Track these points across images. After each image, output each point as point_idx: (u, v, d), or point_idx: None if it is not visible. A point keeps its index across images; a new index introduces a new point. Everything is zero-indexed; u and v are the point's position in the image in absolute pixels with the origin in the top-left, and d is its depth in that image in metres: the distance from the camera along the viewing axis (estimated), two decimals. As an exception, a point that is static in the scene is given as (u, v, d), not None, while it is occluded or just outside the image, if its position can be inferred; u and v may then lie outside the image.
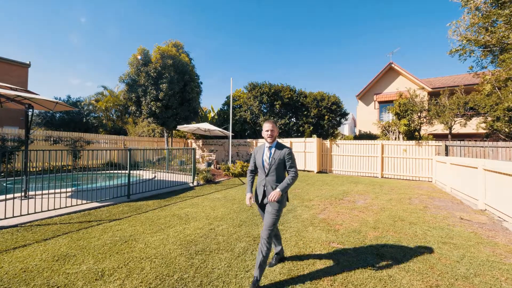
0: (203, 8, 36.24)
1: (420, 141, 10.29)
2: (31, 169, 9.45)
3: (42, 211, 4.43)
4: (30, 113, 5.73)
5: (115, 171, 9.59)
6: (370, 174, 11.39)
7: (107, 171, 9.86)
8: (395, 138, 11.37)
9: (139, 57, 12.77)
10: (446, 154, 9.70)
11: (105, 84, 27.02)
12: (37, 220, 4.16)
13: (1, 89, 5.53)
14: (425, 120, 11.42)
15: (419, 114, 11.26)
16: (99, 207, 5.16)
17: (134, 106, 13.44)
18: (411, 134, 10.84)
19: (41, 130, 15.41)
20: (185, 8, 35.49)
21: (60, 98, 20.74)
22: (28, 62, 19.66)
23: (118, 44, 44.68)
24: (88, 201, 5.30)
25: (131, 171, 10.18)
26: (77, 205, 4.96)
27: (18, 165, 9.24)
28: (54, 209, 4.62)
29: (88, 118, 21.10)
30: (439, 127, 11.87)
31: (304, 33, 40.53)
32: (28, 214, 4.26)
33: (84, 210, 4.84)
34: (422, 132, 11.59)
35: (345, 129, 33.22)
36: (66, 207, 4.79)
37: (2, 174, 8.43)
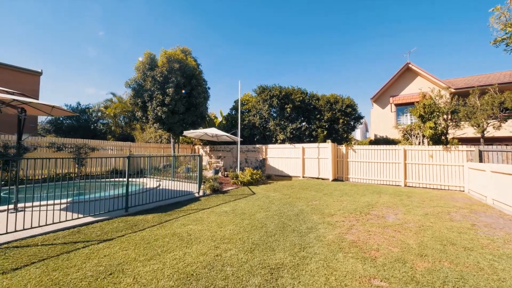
0: (211, 14, 36.38)
1: (448, 145, 9.26)
2: (32, 178, 9.10)
3: (24, 229, 3.85)
4: (23, 118, 5.28)
5: (119, 179, 9.08)
6: (391, 182, 10.39)
7: (110, 180, 9.39)
8: (419, 142, 10.37)
9: (140, 58, 12.51)
10: (480, 160, 8.63)
11: (115, 91, 27.28)
12: (16, 240, 3.58)
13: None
14: (451, 123, 10.39)
15: (444, 117, 10.26)
16: (92, 222, 4.56)
17: (140, 112, 13.08)
18: (438, 138, 9.82)
19: (50, 137, 15.33)
20: (192, 16, 35.84)
21: (70, 105, 20.90)
22: (40, 70, 19.96)
23: (131, 53, 45.63)
24: (81, 215, 4.71)
25: (135, 180, 9.75)
26: (66, 220, 4.37)
27: (19, 173, 8.91)
28: (40, 226, 4.04)
29: (96, 124, 21.10)
30: (468, 131, 10.78)
31: (313, 37, 40.00)
32: (7, 233, 3.68)
33: (74, 227, 4.24)
34: (448, 136, 10.53)
35: (357, 133, 32.03)
36: (54, 223, 4.20)
37: (2, 182, 8.07)
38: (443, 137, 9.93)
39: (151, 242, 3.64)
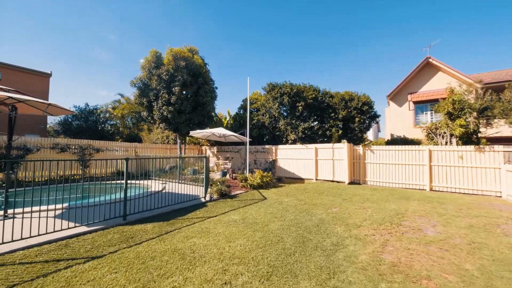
0: (212, 13, 35.82)
1: (481, 146, 8.29)
2: (35, 179, 8.77)
3: (3, 243, 3.34)
4: (14, 116, 4.84)
5: (121, 182, 8.62)
6: (415, 186, 9.46)
7: (112, 182, 8.95)
8: (446, 142, 9.40)
9: (142, 60, 12.22)
10: (521, 162, 7.62)
11: (123, 92, 27.29)
12: (-8, 257, 3.06)
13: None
14: (482, 120, 9.36)
15: (474, 114, 9.25)
16: (85, 233, 4.02)
17: (146, 111, 12.70)
18: (468, 138, 8.84)
19: (61, 138, 15.20)
20: (194, 16, 35.54)
21: (78, 106, 20.90)
22: (49, 72, 20.08)
23: (137, 55, 46.15)
24: (72, 224, 4.18)
25: (139, 182, 9.28)
26: (54, 231, 3.83)
27: (22, 174, 8.62)
28: (23, 238, 3.51)
29: (104, 125, 21.01)
30: (503, 129, 9.71)
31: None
32: (-17, 247, 3.18)
33: (62, 239, 3.71)
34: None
35: (369, 134, 30.83)
36: (40, 234, 3.67)
37: (4, 185, 7.76)
38: (474, 137, 8.94)
39: (146, 261, 3.03)
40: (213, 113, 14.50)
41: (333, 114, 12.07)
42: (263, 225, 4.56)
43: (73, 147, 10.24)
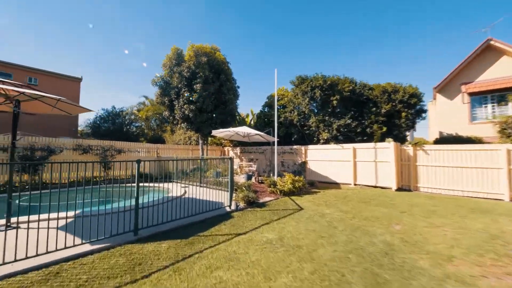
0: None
1: None
2: (53, 182, 8.54)
3: (-20, 269, 2.61)
4: (17, 112, 4.27)
5: (141, 184, 7.98)
6: (486, 195, 7.57)
7: (128, 185, 8.39)
8: (531, 140, 7.38)
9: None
10: None
11: (147, 95, 27.76)
12: (-40, 291, 2.31)
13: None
14: None
15: None
16: (86, 253, 3.22)
17: (167, 111, 12.23)
18: None
19: (91, 139, 15.48)
20: (222, 18, 35.17)
21: (106, 109, 21.47)
22: (80, 77, 20.94)
23: (148, 58, 47.34)
24: (72, 242, 3.40)
25: (158, 185, 8.60)
26: (48, 252, 3.04)
27: (43, 176, 8.44)
28: (6, 262, 2.76)
29: (129, 127, 21.35)
30: None
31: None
32: (-49, 277, 2.45)
33: (56, 263, 2.92)
34: None
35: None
36: (28, 257, 2.90)
37: (27, 187, 7.53)
38: None
39: (152, 313, 2.05)
40: (235, 112, 13.64)
41: (374, 108, 10.44)
42: (310, 250, 3.39)
43: (95, 148, 9.99)
